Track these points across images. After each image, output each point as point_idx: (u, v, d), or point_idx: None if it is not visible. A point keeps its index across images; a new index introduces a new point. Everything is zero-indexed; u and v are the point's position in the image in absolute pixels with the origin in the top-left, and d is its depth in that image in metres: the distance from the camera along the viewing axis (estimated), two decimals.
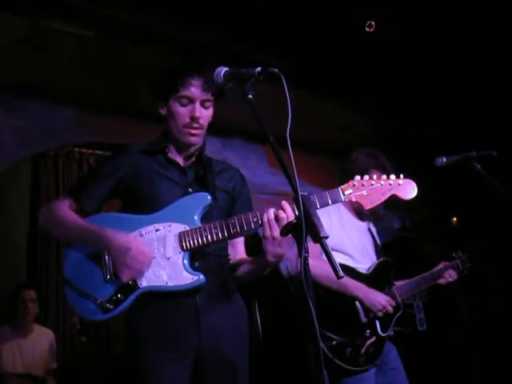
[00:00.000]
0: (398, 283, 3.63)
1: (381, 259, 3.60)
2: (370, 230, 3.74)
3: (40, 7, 4.11)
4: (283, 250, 2.25)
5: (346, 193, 2.28)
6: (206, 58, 2.36)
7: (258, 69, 2.01)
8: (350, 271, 3.42)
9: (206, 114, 2.49)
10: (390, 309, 3.40)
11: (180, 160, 2.54)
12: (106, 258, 2.36)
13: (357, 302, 3.38)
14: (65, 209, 2.47)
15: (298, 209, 1.77)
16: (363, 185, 2.31)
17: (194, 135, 2.46)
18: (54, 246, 5.62)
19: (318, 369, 1.72)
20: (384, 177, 2.34)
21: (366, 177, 2.32)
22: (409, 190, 2.35)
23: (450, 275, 3.81)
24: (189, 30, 4.58)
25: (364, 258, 3.55)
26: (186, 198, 2.44)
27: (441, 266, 3.83)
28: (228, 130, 5.76)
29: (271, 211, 2.22)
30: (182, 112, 2.46)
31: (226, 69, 2.15)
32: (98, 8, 4.16)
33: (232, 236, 2.34)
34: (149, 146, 2.56)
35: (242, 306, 2.57)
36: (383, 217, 3.79)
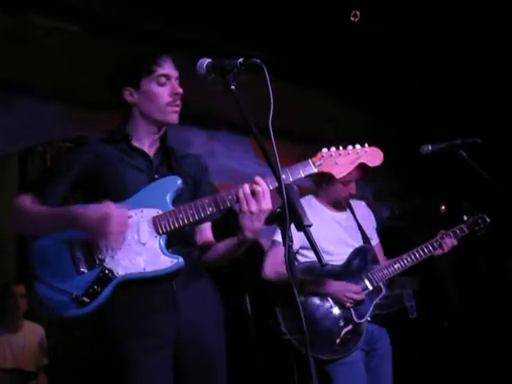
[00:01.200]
0: (376, 266, 3.65)
1: (356, 246, 3.63)
2: (354, 217, 3.76)
3: (25, 2, 4.09)
4: (260, 224, 2.23)
5: (317, 164, 2.33)
6: (194, 54, 2.36)
7: (240, 60, 2.02)
8: (319, 268, 3.44)
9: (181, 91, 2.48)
10: (358, 297, 3.45)
11: (145, 147, 2.49)
12: (78, 247, 2.27)
13: (328, 298, 3.47)
14: (27, 203, 2.37)
15: (282, 198, 1.78)
16: (331, 155, 2.37)
17: (176, 112, 2.44)
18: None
19: (308, 361, 1.73)
20: (350, 147, 2.41)
21: (333, 148, 2.39)
22: (375, 156, 2.44)
23: (447, 244, 3.79)
24: (177, 26, 4.59)
25: (341, 249, 3.57)
26: (155, 182, 2.40)
27: (438, 236, 3.80)
28: (214, 122, 5.76)
29: (246, 186, 2.21)
30: (163, 91, 2.42)
31: (208, 60, 2.16)
32: (84, 3, 4.14)
33: (208, 216, 2.31)
34: (110, 134, 2.51)
35: (215, 294, 2.54)
36: (373, 206, 3.82)
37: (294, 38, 5.07)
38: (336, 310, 3.47)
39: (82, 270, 2.25)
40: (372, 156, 2.43)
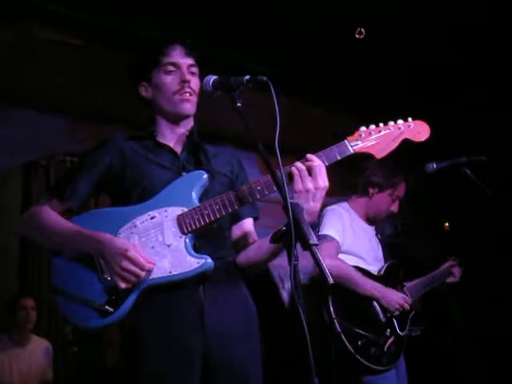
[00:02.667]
0: (407, 284, 3.68)
1: (390, 261, 3.64)
2: (376, 234, 3.78)
3: (28, 15, 4.09)
4: (317, 204, 2.10)
5: (353, 144, 2.16)
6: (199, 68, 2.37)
7: (247, 77, 2.02)
8: (364, 273, 3.46)
9: (194, 81, 2.36)
10: (407, 306, 3.43)
11: (171, 143, 2.39)
12: (101, 260, 2.14)
13: (374, 302, 3.41)
14: (49, 212, 2.27)
15: (288, 216, 1.76)
16: (370, 133, 2.17)
17: (187, 101, 2.33)
18: (48, 256, 5.59)
19: (311, 376, 1.70)
20: (391, 123, 2.19)
21: (373, 126, 2.18)
22: (421, 131, 2.19)
23: (457, 273, 3.86)
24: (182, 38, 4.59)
25: (374, 261, 3.61)
26: (179, 179, 2.26)
27: (447, 264, 3.86)
28: (219, 138, 5.76)
29: (299, 163, 2.10)
30: (170, 79, 2.33)
31: (214, 77, 2.16)
32: (88, 16, 4.15)
33: (236, 210, 2.19)
34: (135, 132, 2.43)
35: (248, 300, 2.38)
36: (379, 223, 3.83)
37: (298, 53, 5.08)
38: (382, 318, 3.42)
39: (105, 277, 2.13)
40: (417, 131, 2.18)
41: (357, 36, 4.86)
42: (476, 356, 6.86)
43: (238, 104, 2.02)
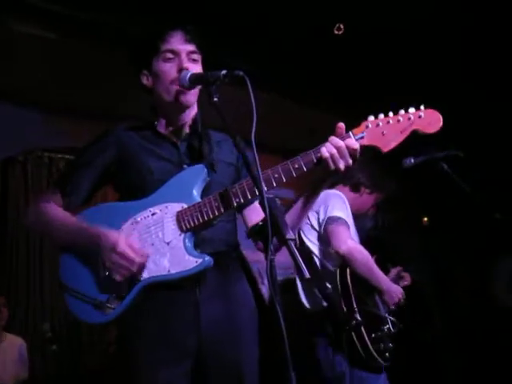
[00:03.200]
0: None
1: (375, 256, 3.64)
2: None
3: (5, 9, 4.04)
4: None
5: (358, 137, 2.02)
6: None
7: (223, 72, 2.01)
8: None
9: (195, 68, 2.25)
10: (402, 300, 3.41)
11: (171, 133, 2.33)
12: (99, 257, 2.16)
13: (376, 296, 3.42)
14: (54, 208, 2.28)
15: (264, 211, 1.75)
16: (378, 125, 2.02)
17: (185, 91, 2.23)
18: (24, 253, 5.55)
19: (288, 372, 1.70)
20: (402, 111, 2.02)
21: (381, 115, 2.04)
22: (432, 121, 2.00)
23: (407, 279, 3.84)
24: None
25: None
26: (180, 174, 2.21)
27: (392, 274, 3.81)
28: None
29: (324, 148, 2.00)
30: (168, 67, 2.24)
31: (191, 72, 2.17)
32: (62, 9, 4.10)
33: (236, 207, 2.12)
34: (136, 122, 2.36)
35: (248, 297, 2.35)
36: (357, 217, 3.83)
37: (275, 48, 5.08)
38: (383, 312, 3.41)
39: (106, 274, 2.14)
40: (427, 121, 2.00)
41: (336, 32, 4.87)
42: (456, 351, 6.93)
43: (215, 98, 2.00)
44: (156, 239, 2.15)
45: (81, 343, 5.61)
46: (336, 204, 3.45)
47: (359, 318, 3.18)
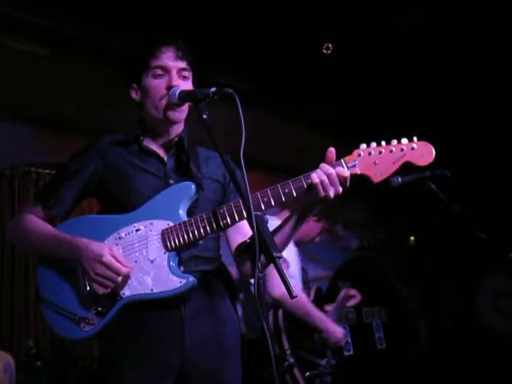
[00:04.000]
0: (328, 309, 3.65)
1: (315, 287, 3.62)
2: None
3: None
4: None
5: (350, 165, 2.00)
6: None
7: (213, 89, 2.02)
8: None
9: (185, 86, 2.25)
10: (343, 342, 3.41)
11: (158, 149, 2.31)
12: (79, 270, 2.12)
13: (315, 334, 3.39)
14: (32, 219, 2.25)
15: (252, 228, 1.76)
16: (370, 154, 1.99)
17: (173, 108, 2.23)
18: (9, 266, 5.49)
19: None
20: (394, 142, 2.00)
21: (374, 144, 2.01)
22: (425, 153, 1.98)
23: (356, 296, 3.83)
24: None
25: (300, 281, 3.57)
26: (167, 190, 2.18)
27: (342, 294, 3.81)
28: None
29: (314, 174, 1.99)
30: (157, 84, 2.23)
31: (180, 88, 2.17)
32: (55, 25, 4.10)
33: (223, 228, 2.10)
34: (121, 136, 2.33)
35: (232, 316, 2.34)
36: (342, 237, 3.83)
37: (267, 66, 5.10)
38: (321, 348, 3.40)
39: (87, 289, 2.11)
40: (420, 153, 1.97)
41: (324, 51, 4.90)
42: (440, 369, 6.93)
43: (204, 116, 2.01)
44: (140, 256, 2.12)
45: (65, 359, 5.55)
46: None
47: (291, 360, 3.16)
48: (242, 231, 2.31)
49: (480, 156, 6.25)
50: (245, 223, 2.28)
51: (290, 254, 3.42)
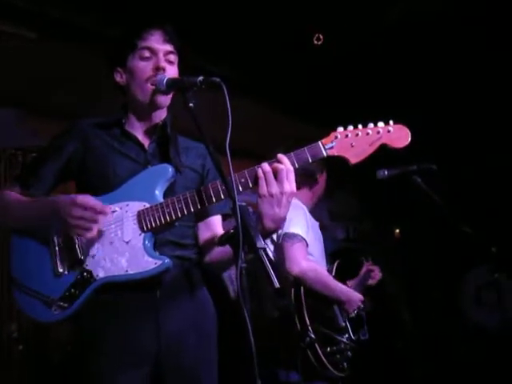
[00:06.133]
0: (349, 284, 3.69)
1: (337, 261, 3.64)
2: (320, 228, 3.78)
3: None
4: (283, 211, 1.99)
5: (327, 146, 2.02)
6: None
7: (200, 78, 2.00)
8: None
9: (171, 70, 2.24)
10: (361, 305, 3.42)
11: (139, 134, 2.30)
12: (55, 243, 2.11)
13: (335, 306, 3.41)
14: (9, 194, 2.23)
15: (236, 219, 1.75)
16: (347, 136, 2.03)
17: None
18: None
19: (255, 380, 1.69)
20: (371, 125, 2.04)
21: (350, 127, 2.05)
22: (401, 136, 2.03)
23: (377, 274, 3.87)
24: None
25: (322, 259, 3.59)
26: (144, 172, 2.17)
27: (364, 269, 3.87)
28: None
29: (266, 164, 1.99)
30: (144, 65, 2.22)
31: (168, 76, 2.16)
32: (43, 9, 4.06)
33: (200, 209, 2.09)
34: (105, 119, 2.33)
35: (207, 302, 2.34)
36: (328, 227, 3.83)
37: (258, 56, 5.08)
38: (341, 322, 3.41)
39: (60, 271, 2.09)
40: (396, 136, 2.02)
41: (315, 42, 4.88)
42: (425, 360, 6.99)
43: (191, 104, 1.99)
44: (115, 237, 2.10)
45: (48, 343, 5.54)
46: (294, 217, 3.39)
47: (313, 336, 3.16)
48: (212, 227, 2.35)
49: (465, 151, 6.28)
50: (215, 219, 2.35)
51: (309, 233, 3.44)
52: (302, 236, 3.33)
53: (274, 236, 3.43)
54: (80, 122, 2.32)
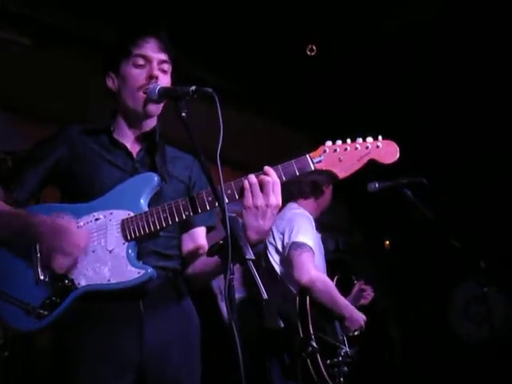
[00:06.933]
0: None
1: (338, 275, 3.63)
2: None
3: None
4: (268, 224, 1.97)
5: (315, 160, 2.01)
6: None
7: (193, 88, 1.99)
8: None
9: (164, 79, 2.22)
10: (363, 327, 3.40)
11: (128, 141, 2.27)
12: (37, 251, 2.02)
13: (336, 322, 3.42)
14: None
15: (225, 230, 1.74)
16: (335, 150, 2.01)
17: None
18: None
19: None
20: (360, 140, 2.03)
21: (339, 141, 2.03)
22: (389, 152, 2.02)
23: (369, 293, 3.87)
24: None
25: (324, 273, 3.56)
26: (129, 181, 2.14)
27: (356, 288, 3.85)
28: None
29: (252, 176, 1.98)
30: (137, 73, 2.19)
31: (160, 85, 2.15)
32: (36, 15, 4.06)
33: (185, 220, 2.07)
34: (92, 125, 2.29)
35: (191, 313, 2.31)
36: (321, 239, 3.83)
37: (252, 67, 5.09)
38: (340, 336, 3.40)
39: (41, 278, 2.02)
40: (384, 151, 2.01)
41: (308, 53, 4.90)
42: (412, 375, 6.98)
43: (183, 114, 1.98)
44: (98, 246, 2.06)
45: (33, 350, 5.48)
46: (302, 226, 3.41)
47: (315, 345, 3.15)
48: (195, 239, 2.34)
49: (455, 164, 6.30)
50: (199, 231, 2.34)
51: (315, 238, 3.47)
52: (310, 246, 3.33)
53: (280, 246, 3.43)
54: (68, 129, 2.29)
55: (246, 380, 1.66)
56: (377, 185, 3.35)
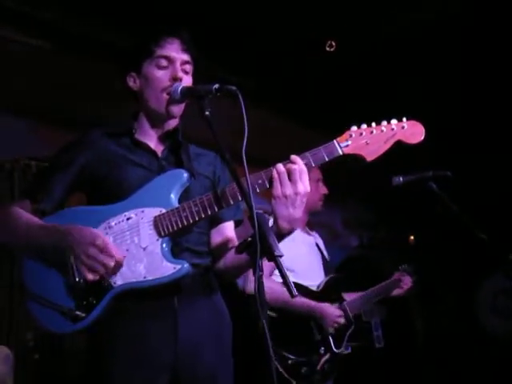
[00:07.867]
0: (348, 298, 3.64)
1: (330, 276, 3.61)
2: (317, 244, 3.74)
3: None
4: (298, 212, 1.99)
5: (343, 145, 2.03)
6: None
7: (216, 85, 1.99)
8: (301, 289, 3.42)
9: (187, 80, 2.24)
10: (342, 320, 3.39)
11: (152, 141, 2.28)
12: (71, 257, 2.01)
13: (311, 321, 3.40)
14: (18, 212, 2.15)
15: (253, 227, 1.73)
16: (361, 134, 2.03)
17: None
18: (6, 256, 5.46)
19: None
20: (384, 122, 2.06)
21: (364, 125, 2.06)
22: (415, 132, 2.04)
23: (405, 284, 3.84)
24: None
25: (310, 274, 3.54)
26: (158, 178, 2.14)
27: (395, 276, 3.85)
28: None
29: (280, 165, 1.99)
30: (161, 74, 2.20)
31: (182, 85, 2.16)
32: (57, 19, 4.09)
33: (216, 213, 2.07)
34: (114, 128, 2.30)
35: (223, 309, 2.31)
36: (341, 235, 3.82)
37: (271, 65, 5.08)
38: (317, 336, 3.38)
39: (76, 280, 2.00)
40: (410, 132, 2.04)
41: (327, 49, 4.88)
42: (436, 367, 6.94)
43: (207, 112, 1.98)
44: (131, 244, 2.06)
45: (64, 352, 5.53)
46: None
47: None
48: (223, 233, 2.35)
49: (481, 157, 6.24)
50: (228, 225, 2.35)
51: (292, 248, 3.38)
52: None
53: None
54: (90, 133, 2.29)
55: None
56: (401, 179, 3.33)
